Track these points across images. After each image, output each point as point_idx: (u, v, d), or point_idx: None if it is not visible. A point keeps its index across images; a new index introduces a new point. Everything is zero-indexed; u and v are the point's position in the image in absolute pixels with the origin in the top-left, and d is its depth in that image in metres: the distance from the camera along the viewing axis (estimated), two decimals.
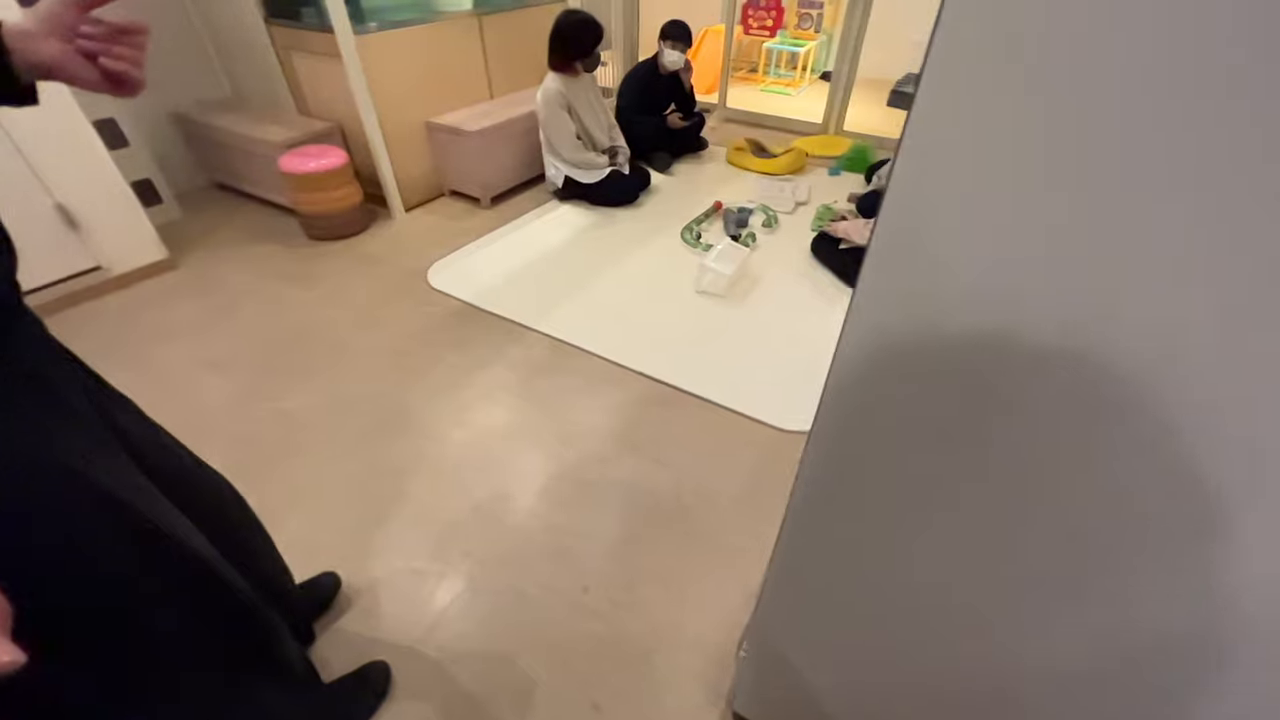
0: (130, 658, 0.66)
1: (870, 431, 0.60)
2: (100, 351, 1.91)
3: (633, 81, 3.22)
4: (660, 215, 2.80)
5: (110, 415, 0.72)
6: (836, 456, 0.66)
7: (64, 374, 0.65)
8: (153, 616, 0.68)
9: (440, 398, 1.76)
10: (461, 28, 2.78)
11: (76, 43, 0.52)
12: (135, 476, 0.69)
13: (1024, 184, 0.40)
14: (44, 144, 1.92)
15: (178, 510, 0.75)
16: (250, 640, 0.85)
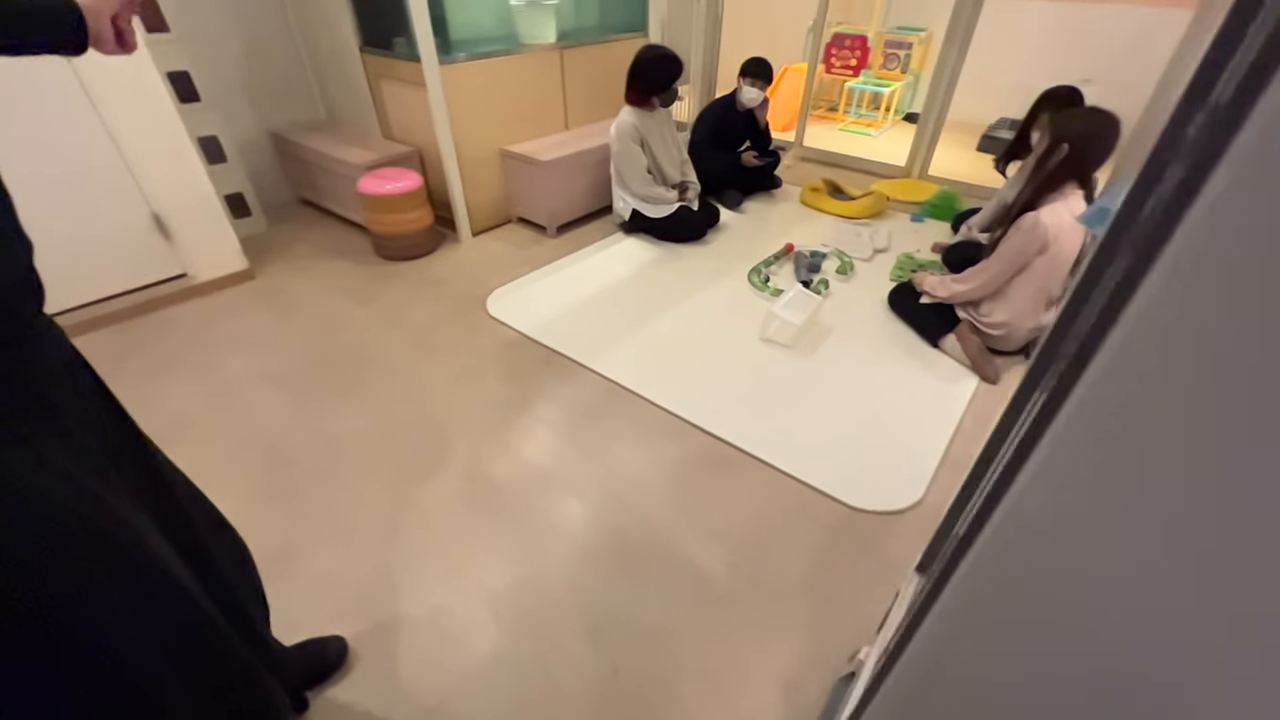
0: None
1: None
2: (173, 358, 1.97)
3: (708, 117, 3.16)
4: (727, 255, 2.70)
5: (121, 451, 0.67)
6: None
7: (75, 400, 0.60)
8: (140, 668, 0.61)
9: (483, 435, 1.69)
10: (543, 60, 2.82)
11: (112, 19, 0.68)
12: (131, 514, 0.63)
13: None
14: (148, 157, 2.04)
15: (176, 555, 0.68)
16: (251, 711, 0.77)
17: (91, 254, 2.01)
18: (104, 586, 0.57)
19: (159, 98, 2.00)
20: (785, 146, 3.89)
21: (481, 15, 2.70)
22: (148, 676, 0.61)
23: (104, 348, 2.02)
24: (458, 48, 2.57)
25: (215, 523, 0.89)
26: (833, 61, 4.80)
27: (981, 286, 1.94)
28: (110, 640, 0.58)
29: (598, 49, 3.08)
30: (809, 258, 2.55)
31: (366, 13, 2.56)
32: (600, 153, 2.86)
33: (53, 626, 0.53)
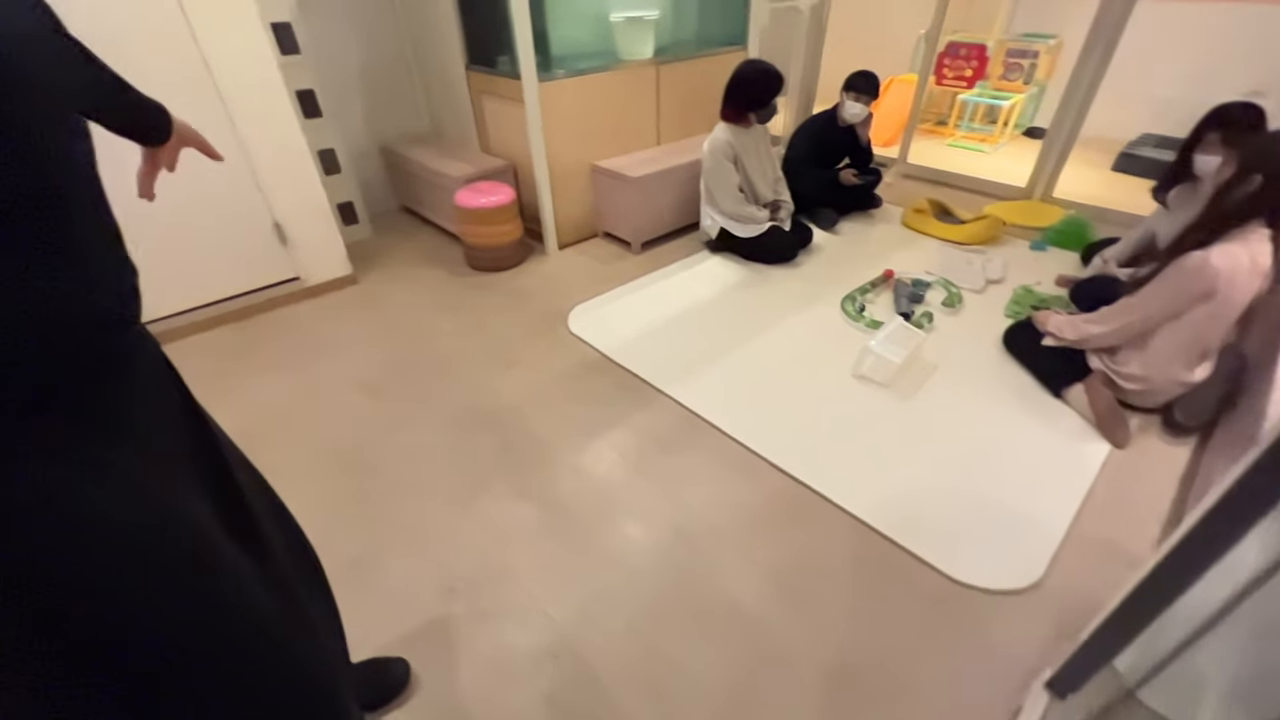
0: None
1: None
2: (280, 356, 2.11)
3: (806, 133, 3.02)
4: (819, 279, 2.54)
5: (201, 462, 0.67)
6: None
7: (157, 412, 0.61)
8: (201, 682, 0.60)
9: (557, 459, 1.66)
10: (639, 75, 2.80)
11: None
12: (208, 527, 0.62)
13: None
14: (274, 171, 2.20)
15: (251, 566, 0.68)
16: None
17: (220, 256, 2.20)
18: (169, 605, 0.57)
19: (287, 115, 2.16)
20: (887, 163, 3.66)
21: (582, 32, 2.73)
22: (208, 692, 0.60)
23: (225, 343, 2.20)
24: (557, 65, 2.60)
25: (295, 541, 0.89)
26: (945, 72, 4.48)
27: (1121, 331, 1.69)
28: (174, 656, 0.57)
29: (694, 64, 3.02)
30: (910, 287, 2.35)
31: (474, 33, 2.65)
32: (690, 169, 2.80)
33: (113, 646, 0.52)
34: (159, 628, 0.55)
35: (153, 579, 0.54)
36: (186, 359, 2.11)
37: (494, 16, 2.46)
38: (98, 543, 0.51)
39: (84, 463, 0.50)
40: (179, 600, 0.57)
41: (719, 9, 3.16)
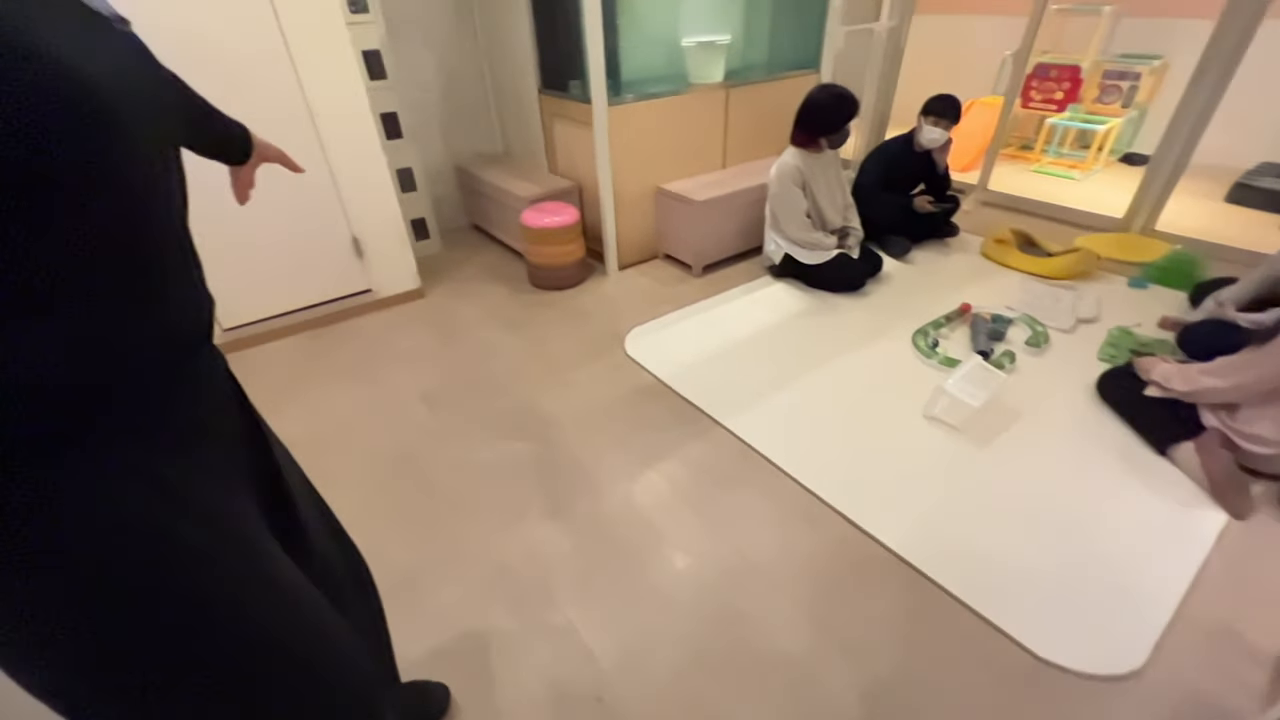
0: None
1: None
2: (349, 366, 2.19)
3: (879, 157, 2.91)
4: (889, 310, 2.42)
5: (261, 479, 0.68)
6: None
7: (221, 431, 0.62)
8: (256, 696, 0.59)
9: (607, 486, 1.63)
10: (708, 98, 2.79)
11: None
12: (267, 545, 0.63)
13: None
14: (356, 189, 2.32)
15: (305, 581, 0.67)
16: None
17: (302, 268, 2.33)
18: (230, 620, 0.57)
19: (370, 138, 2.27)
20: (965, 190, 3.48)
21: (652, 57, 2.75)
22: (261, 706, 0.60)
23: (300, 350, 2.31)
24: (627, 89, 2.63)
25: (348, 555, 0.89)
26: (1032, 95, 4.24)
27: (1246, 386, 1.50)
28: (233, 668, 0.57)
29: (765, 87, 2.99)
30: (990, 323, 2.19)
31: (548, 59, 2.72)
32: (756, 193, 2.75)
33: (176, 664, 0.52)
34: (219, 644, 0.55)
35: (216, 593, 0.55)
36: (267, 363, 2.25)
37: (568, 43, 2.51)
38: (168, 560, 0.51)
39: (155, 482, 0.51)
40: (240, 614, 0.57)
41: (792, 33, 3.12)
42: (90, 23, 0.46)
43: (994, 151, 3.43)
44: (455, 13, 2.94)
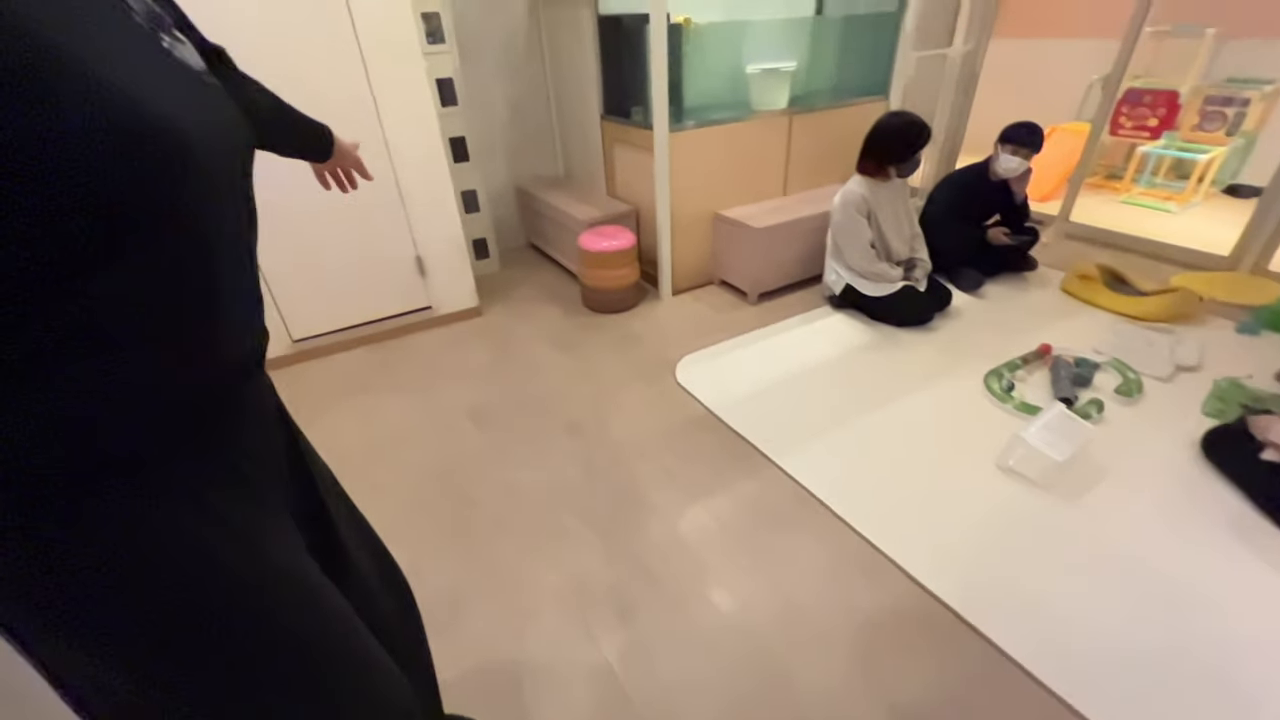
0: None
1: None
2: (406, 380, 2.25)
3: (951, 186, 2.78)
4: (958, 347, 2.28)
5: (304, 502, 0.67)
6: None
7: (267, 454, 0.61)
8: None
9: (651, 519, 1.58)
10: (771, 125, 2.75)
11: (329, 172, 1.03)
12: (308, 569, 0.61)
13: None
14: (423, 210, 2.40)
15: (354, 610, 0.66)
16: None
17: (369, 284, 2.42)
18: (272, 650, 0.56)
19: (439, 162, 2.35)
20: (1044, 220, 3.27)
21: (716, 84, 2.74)
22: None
23: (361, 363, 2.39)
24: (689, 115, 2.63)
25: (390, 578, 0.88)
26: (1121, 122, 3.97)
27: None
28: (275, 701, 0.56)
29: (830, 114, 2.92)
30: (1074, 367, 2.02)
31: (612, 86, 2.76)
32: (817, 221, 2.67)
33: (213, 697, 0.51)
34: (259, 676, 0.54)
35: (258, 623, 0.54)
36: (331, 372, 2.33)
37: (632, 72, 2.54)
38: (211, 587, 0.50)
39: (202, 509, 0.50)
40: (283, 642, 0.56)
41: (860, 59, 3.05)
42: (169, 64, 0.46)
43: (1078, 180, 3.22)
44: (525, 43, 3.04)
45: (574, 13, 2.75)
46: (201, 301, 0.48)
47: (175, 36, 0.50)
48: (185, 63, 0.48)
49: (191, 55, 0.50)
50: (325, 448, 1.68)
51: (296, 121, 0.87)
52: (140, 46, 0.44)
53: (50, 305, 0.37)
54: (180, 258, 0.44)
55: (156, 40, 0.47)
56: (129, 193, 0.38)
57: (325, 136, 0.94)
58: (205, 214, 0.46)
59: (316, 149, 0.94)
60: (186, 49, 0.50)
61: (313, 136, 0.92)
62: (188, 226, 0.44)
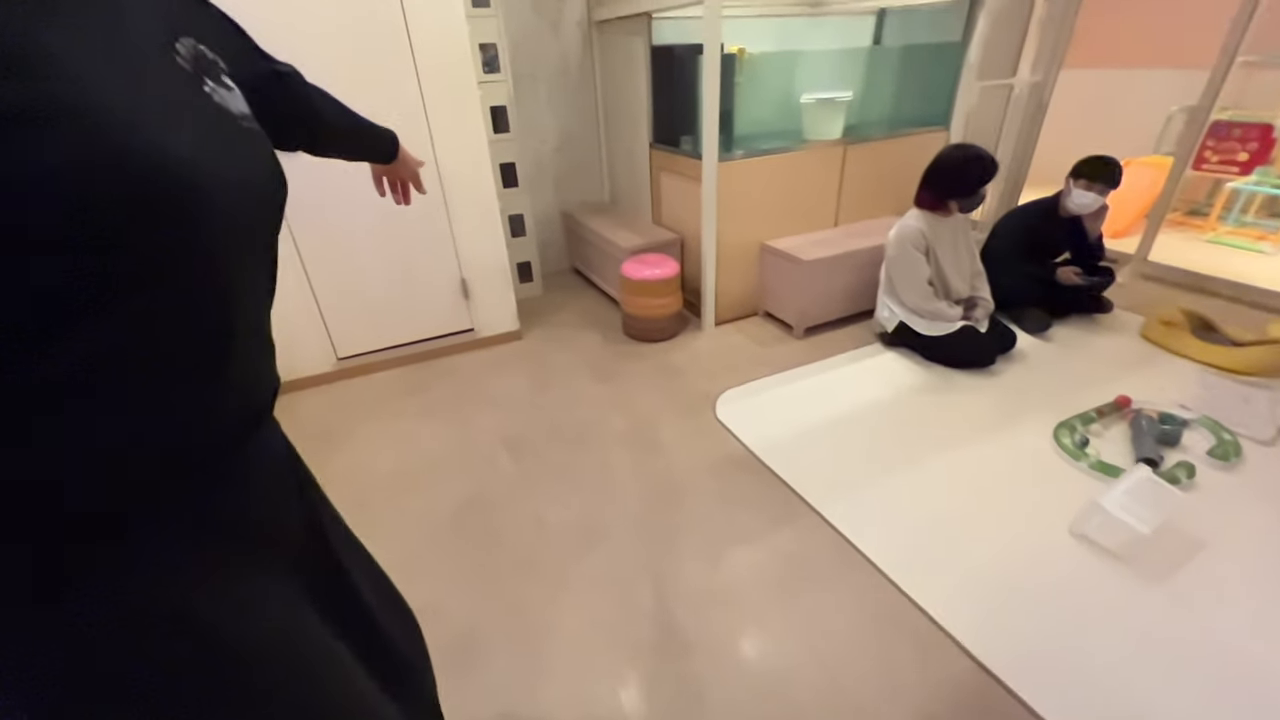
0: None
1: None
2: (443, 403, 2.24)
3: (1017, 221, 2.62)
4: (1023, 394, 2.11)
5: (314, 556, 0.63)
6: None
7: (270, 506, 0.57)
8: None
9: (682, 565, 1.49)
10: (824, 155, 2.68)
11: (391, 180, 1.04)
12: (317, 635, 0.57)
13: None
14: (470, 234, 2.43)
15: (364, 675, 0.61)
16: None
17: (413, 304, 2.45)
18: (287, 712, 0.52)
19: (488, 188, 2.38)
20: (1118, 259, 3.05)
21: (768, 113, 2.70)
22: None
23: (401, 382, 2.41)
24: (739, 144, 2.58)
25: (403, 629, 0.83)
26: (1207, 156, 3.70)
27: None
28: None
29: (886, 144, 2.82)
30: (1158, 424, 1.83)
31: (662, 115, 2.76)
32: (869, 255, 2.56)
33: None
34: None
35: (255, 694, 0.49)
36: (369, 393, 2.36)
37: (683, 101, 2.52)
38: (205, 657, 0.46)
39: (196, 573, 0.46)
40: (287, 712, 0.52)
41: (920, 88, 2.95)
42: (205, 108, 0.44)
43: (1158, 217, 2.99)
44: (579, 72, 3.08)
45: (627, 42, 2.77)
46: (208, 355, 0.44)
47: (223, 84, 0.48)
48: (225, 108, 0.47)
49: (236, 101, 0.49)
50: (359, 471, 1.69)
51: (363, 129, 0.89)
52: (172, 87, 0.42)
53: (33, 351, 0.34)
54: (188, 310, 0.41)
55: (198, 83, 0.45)
56: (124, 235, 0.35)
57: (390, 140, 0.95)
58: (221, 265, 0.43)
59: (381, 151, 0.95)
60: (233, 95, 0.48)
61: (379, 140, 0.94)
62: (199, 278, 0.41)
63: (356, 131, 0.88)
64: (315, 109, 0.77)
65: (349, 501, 1.76)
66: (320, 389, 2.39)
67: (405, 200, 1.06)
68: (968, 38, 2.78)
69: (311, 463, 0.67)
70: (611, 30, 2.90)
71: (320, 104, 0.78)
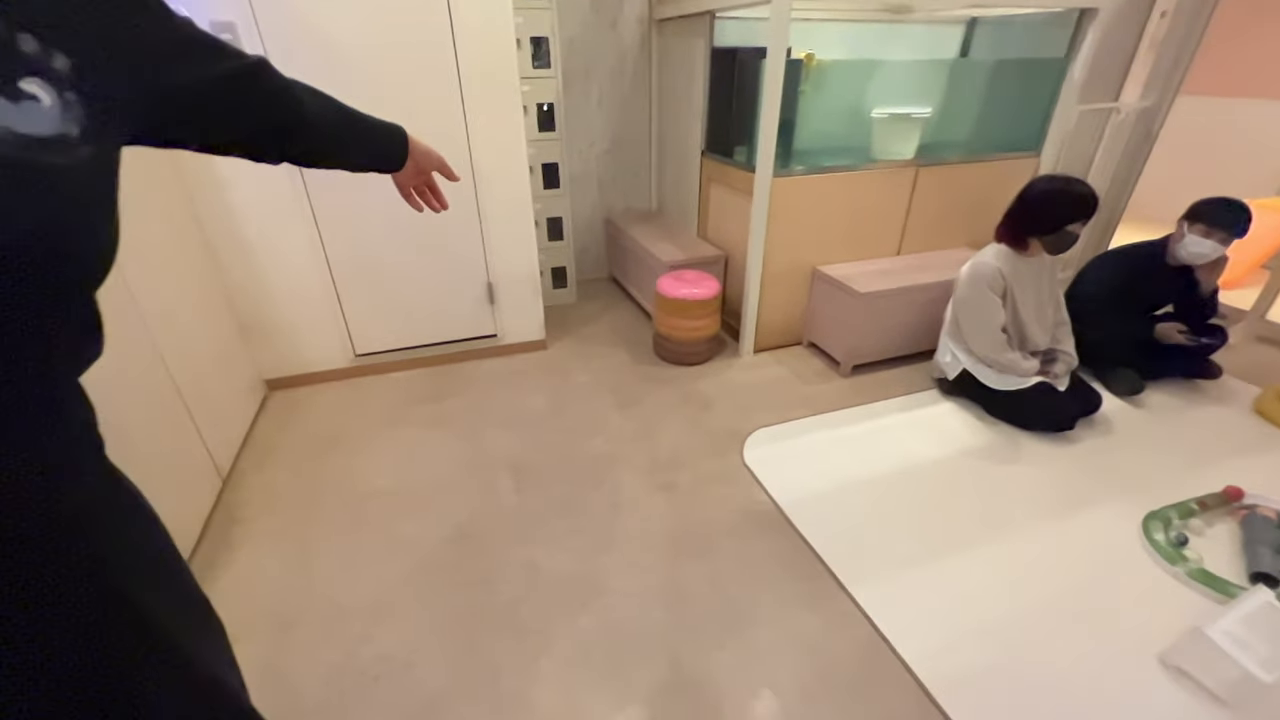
0: None
1: None
2: (456, 415, 2.13)
3: (1114, 266, 2.29)
4: (1104, 470, 1.82)
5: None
6: None
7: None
8: None
9: (683, 650, 1.30)
10: (892, 177, 2.42)
11: (413, 186, 0.89)
12: None
13: None
14: (501, 237, 2.30)
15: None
16: None
17: (436, 306, 2.35)
18: None
19: (523, 191, 2.25)
20: (1229, 314, 2.66)
21: (834, 127, 2.46)
22: None
23: (418, 385, 2.31)
24: (798, 159, 2.36)
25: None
26: None
27: None
28: None
29: (964, 168, 2.54)
30: (1278, 528, 1.52)
31: (717, 122, 2.56)
32: (934, 291, 2.29)
33: None
34: None
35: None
36: (384, 393, 2.27)
37: (741, 108, 2.32)
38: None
39: None
40: None
41: (1010, 108, 2.64)
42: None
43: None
44: (634, 71, 2.92)
45: (688, 43, 2.59)
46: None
47: (23, 91, 0.34)
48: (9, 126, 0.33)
49: (37, 117, 0.34)
50: (357, 482, 1.55)
51: (362, 128, 0.75)
52: None
53: None
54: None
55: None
56: None
57: (398, 140, 0.81)
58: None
59: (388, 155, 0.81)
60: (24, 109, 0.34)
61: (383, 140, 0.80)
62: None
63: (352, 132, 0.74)
64: (292, 107, 0.63)
65: (342, 516, 1.67)
66: (334, 385, 2.31)
67: (441, 203, 0.92)
68: (1072, 54, 2.47)
69: (312, 467, 0.52)
70: (672, 29, 2.73)
71: (300, 101, 0.64)
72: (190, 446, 1.63)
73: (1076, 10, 2.39)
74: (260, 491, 1.76)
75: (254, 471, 1.84)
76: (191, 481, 1.61)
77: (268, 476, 1.82)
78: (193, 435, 1.64)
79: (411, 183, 0.87)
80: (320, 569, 1.50)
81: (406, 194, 0.89)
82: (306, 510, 1.69)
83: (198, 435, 1.66)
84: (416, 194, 0.90)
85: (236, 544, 1.58)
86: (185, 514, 1.55)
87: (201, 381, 1.72)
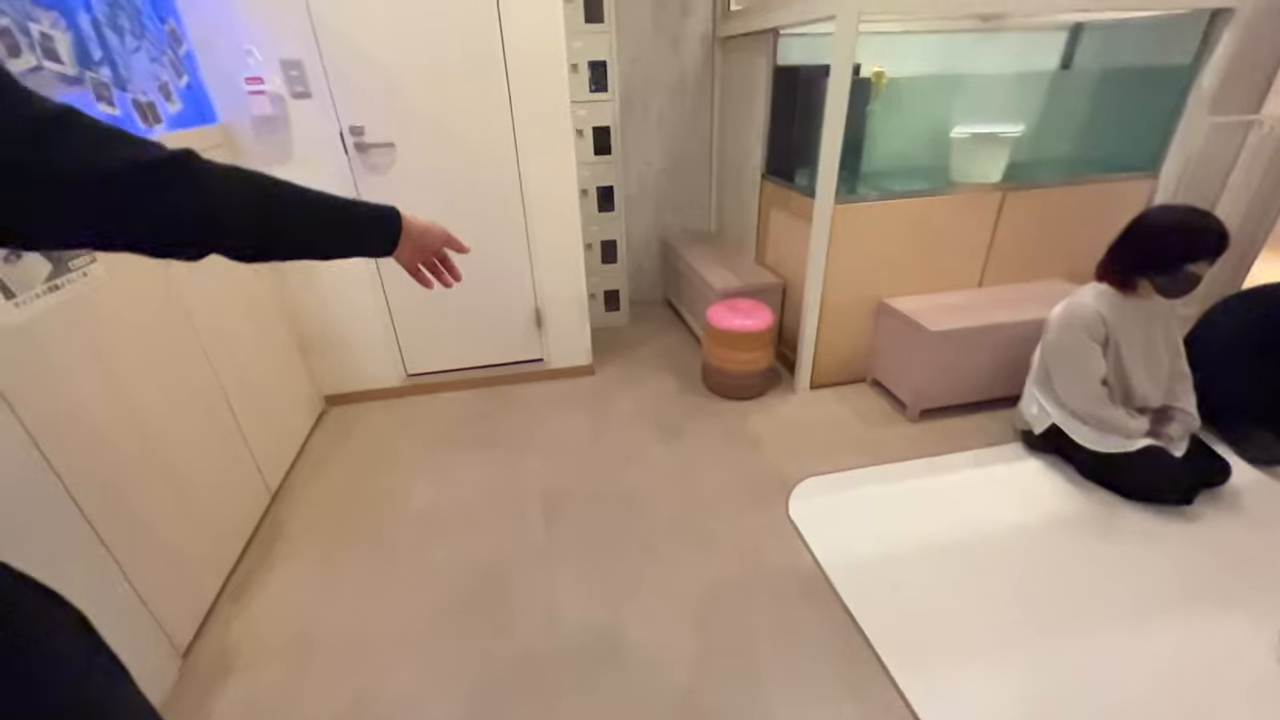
0: None
1: None
2: (498, 439, 2.13)
3: (1247, 309, 1.95)
4: (1233, 558, 1.51)
5: None
6: None
7: None
8: None
9: None
10: (974, 203, 2.18)
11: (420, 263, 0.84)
12: None
13: None
14: (550, 263, 2.29)
15: None
16: None
17: (485, 329, 2.36)
18: None
19: (573, 217, 2.22)
20: None
21: (908, 147, 2.27)
22: None
23: (465, 406, 2.32)
24: (865, 183, 2.19)
25: None
26: None
27: None
28: None
29: (1062, 192, 2.25)
30: None
31: (778, 144, 2.43)
32: (1020, 330, 2.04)
33: None
34: None
35: None
36: (432, 413, 2.29)
37: (804, 129, 2.18)
38: None
39: None
40: None
41: (1121, 123, 2.34)
42: None
43: None
44: (695, 90, 2.85)
45: (750, 60, 2.49)
46: None
47: None
48: None
49: None
50: (395, 502, 1.59)
51: (335, 220, 0.67)
52: None
53: None
54: None
55: None
56: None
57: (381, 225, 0.74)
58: None
59: (371, 243, 0.74)
60: None
61: (362, 229, 0.72)
62: None
63: (316, 218, 0.65)
64: (222, 197, 0.55)
65: (377, 537, 1.67)
66: (387, 403, 2.37)
67: (455, 277, 0.89)
68: (1201, 60, 2.14)
69: (356, 485, 0.47)
70: (735, 47, 2.63)
71: (237, 185, 0.56)
72: (239, 463, 1.68)
73: (1208, 11, 2.07)
74: (306, 507, 1.81)
75: (304, 486, 1.90)
76: (237, 498, 1.67)
77: (315, 492, 1.87)
78: (244, 452, 1.70)
79: (415, 261, 0.82)
80: (348, 593, 1.50)
81: (412, 272, 0.85)
82: (344, 530, 1.71)
83: (249, 453, 1.72)
84: (425, 270, 0.85)
85: (277, 561, 1.62)
86: (226, 531, 1.60)
87: (257, 398, 1.79)
